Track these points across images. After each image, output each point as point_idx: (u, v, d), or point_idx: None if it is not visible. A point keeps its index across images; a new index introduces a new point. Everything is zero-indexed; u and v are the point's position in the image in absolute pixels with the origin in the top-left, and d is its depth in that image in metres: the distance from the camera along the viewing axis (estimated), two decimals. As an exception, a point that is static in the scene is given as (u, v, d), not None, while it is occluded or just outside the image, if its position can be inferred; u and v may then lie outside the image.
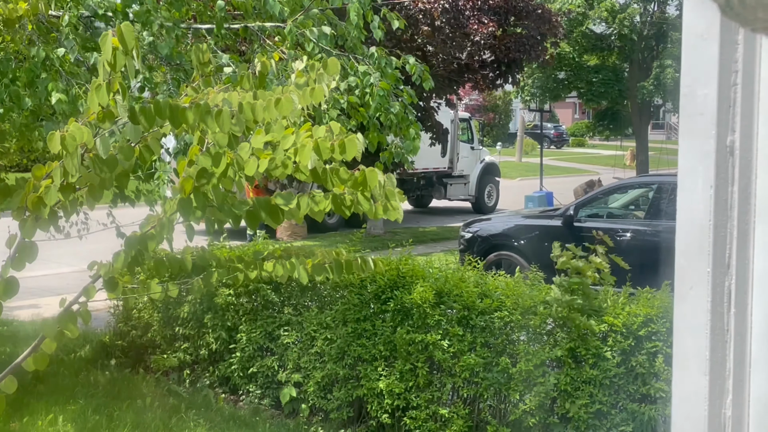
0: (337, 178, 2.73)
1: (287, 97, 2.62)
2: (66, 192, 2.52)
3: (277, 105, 2.61)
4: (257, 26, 6.12)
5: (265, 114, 2.61)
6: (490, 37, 16.98)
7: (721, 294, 1.49)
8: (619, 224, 10.98)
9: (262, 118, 2.64)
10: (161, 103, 2.55)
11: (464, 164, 23.60)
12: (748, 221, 1.48)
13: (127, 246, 2.79)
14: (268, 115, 2.61)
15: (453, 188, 23.43)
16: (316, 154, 2.59)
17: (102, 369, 7.47)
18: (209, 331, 7.07)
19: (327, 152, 2.59)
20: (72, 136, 2.42)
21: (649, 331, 5.22)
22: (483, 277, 6.21)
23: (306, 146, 2.59)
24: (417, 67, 6.36)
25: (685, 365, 1.57)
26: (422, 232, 18.69)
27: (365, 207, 2.78)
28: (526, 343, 5.63)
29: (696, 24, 1.49)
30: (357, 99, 6.00)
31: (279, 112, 2.62)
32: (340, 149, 2.58)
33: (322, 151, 2.59)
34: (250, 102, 2.62)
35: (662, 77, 25.95)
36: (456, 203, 24.38)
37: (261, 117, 2.62)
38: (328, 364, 6.30)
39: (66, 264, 12.77)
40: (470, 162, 23.83)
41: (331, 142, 2.59)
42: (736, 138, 1.48)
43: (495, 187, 24.47)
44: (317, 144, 2.58)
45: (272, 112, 2.60)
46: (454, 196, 23.59)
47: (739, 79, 1.49)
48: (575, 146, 59.65)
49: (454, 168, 23.30)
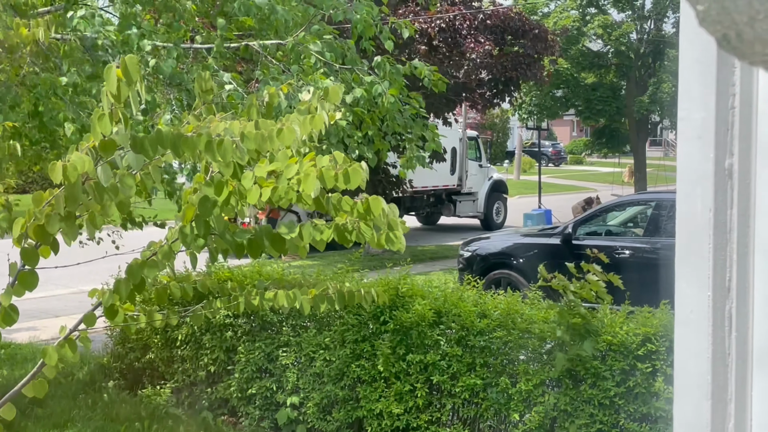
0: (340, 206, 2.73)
1: (289, 128, 2.62)
2: (69, 220, 2.51)
3: (279, 135, 2.61)
4: (259, 44, 6.14)
5: (268, 144, 2.61)
6: (486, 56, 17.06)
7: (721, 318, 1.48)
8: (617, 242, 10.97)
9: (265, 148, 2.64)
10: (164, 132, 2.55)
11: (473, 182, 24.05)
12: (748, 244, 1.47)
13: (128, 274, 2.78)
14: (270, 145, 2.61)
15: (462, 205, 23.85)
16: (321, 182, 2.59)
17: (100, 391, 7.42)
18: (207, 353, 7.04)
19: (331, 181, 2.59)
20: (73, 166, 2.42)
21: (648, 350, 5.20)
22: (482, 296, 6.19)
23: (310, 175, 2.59)
24: (426, 70, 6.35)
25: (686, 389, 1.56)
26: (421, 251, 18.66)
27: (368, 236, 2.78)
28: (526, 362, 5.61)
29: (693, 48, 1.49)
30: (363, 111, 6.01)
31: (281, 142, 2.62)
32: (344, 178, 2.58)
33: (327, 180, 2.59)
34: (251, 132, 2.62)
35: (658, 94, 26.04)
36: (465, 220, 24.72)
37: (263, 147, 2.62)
38: (327, 385, 6.27)
39: (64, 285, 12.73)
40: (479, 179, 24.30)
41: (335, 171, 2.59)
42: (734, 161, 1.48)
43: (503, 204, 24.89)
44: (321, 173, 2.58)
45: (274, 143, 2.60)
46: (463, 214, 23.96)
47: (737, 102, 1.49)
48: (573, 164, 59.75)
49: (463, 185, 23.76)
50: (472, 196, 24.01)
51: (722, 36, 0.58)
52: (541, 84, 22.06)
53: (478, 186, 24.16)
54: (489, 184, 24.41)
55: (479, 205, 24.10)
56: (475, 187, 24.10)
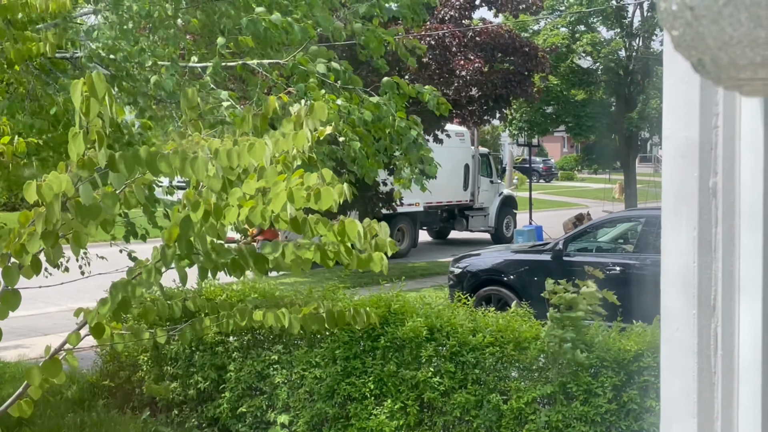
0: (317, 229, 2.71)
1: (260, 143, 2.61)
2: (48, 239, 2.49)
3: (250, 150, 2.59)
4: (256, 63, 6.16)
5: (238, 160, 2.60)
6: (476, 73, 17.14)
7: (707, 336, 1.48)
8: (608, 258, 10.99)
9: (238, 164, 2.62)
10: (140, 150, 2.54)
11: (484, 197, 24.81)
12: (733, 263, 1.48)
13: (113, 292, 2.77)
14: (241, 161, 2.60)
15: (474, 220, 24.59)
16: (290, 202, 2.56)
17: (89, 410, 7.36)
18: (198, 371, 7.01)
19: (301, 201, 2.56)
20: (49, 185, 2.40)
21: (641, 365, 5.20)
22: (473, 313, 6.19)
23: (280, 194, 2.56)
24: (429, 94, 6.46)
25: (673, 407, 1.56)
26: (411, 268, 18.65)
27: (345, 258, 2.76)
28: (518, 379, 5.60)
29: (676, 67, 1.51)
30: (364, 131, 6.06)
31: (252, 158, 2.60)
32: (316, 198, 2.55)
33: (296, 200, 2.56)
34: (224, 148, 2.60)
35: (647, 110, 26.18)
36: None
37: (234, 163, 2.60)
38: (317, 403, 6.24)
39: (53, 303, 12.65)
40: (490, 195, 25.05)
41: (307, 192, 2.56)
42: (718, 180, 1.49)
43: (513, 219, 25.66)
44: (291, 192, 2.56)
45: (244, 158, 2.58)
46: (475, 228, 24.67)
47: (720, 122, 1.50)
48: (564, 180, 59.89)
49: (476, 201, 24.52)
50: (484, 211, 24.79)
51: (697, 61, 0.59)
52: (531, 101, 22.18)
53: (489, 201, 24.93)
54: (499, 200, 25.21)
55: (490, 219, 24.86)
56: (487, 202, 24.86)
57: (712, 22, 0.62)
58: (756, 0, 0.62)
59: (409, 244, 21.94)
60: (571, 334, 5.40)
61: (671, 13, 0.67)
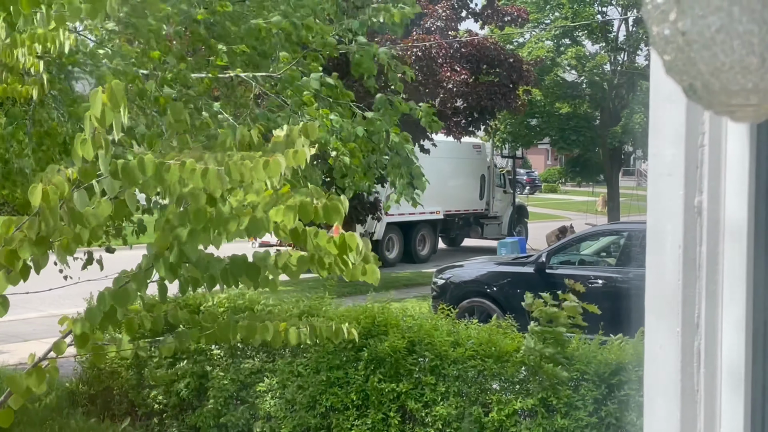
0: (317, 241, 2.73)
1: (275, 160, 2.62)
2: (40, 246, 2.48)
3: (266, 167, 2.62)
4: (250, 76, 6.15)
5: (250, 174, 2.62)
6: (462, 85, 17.20)
7: (690, 354, 1.49)
8: (590, 271, 11.03)
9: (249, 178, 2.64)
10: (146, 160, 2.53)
11: (498, 206, 25.87)
12: (717, 281, 1.49)
13: (99, 302, 2.74)
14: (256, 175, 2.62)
15: (488, 228, 25.68)
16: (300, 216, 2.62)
17: (68, 417, 7.29)
18: (179, 378, 6.96)
19: (309, 215, 2.62)
20: (54, 189, 2.40)
21: (621, 379, 5.22)
22: (455, 325, 6.19)
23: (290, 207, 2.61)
24: (421, 112, 6.53)
25: (656, 423, 1.57)
26: (395, 278, 18.63)
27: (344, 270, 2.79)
28: (499, 392, 5.60)
29: (663, 86, 1.52)
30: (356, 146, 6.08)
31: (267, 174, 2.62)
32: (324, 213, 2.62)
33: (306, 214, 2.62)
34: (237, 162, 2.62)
35: (630, 124, 26.37)
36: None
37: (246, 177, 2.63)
38: (299, 413, 6.21)
39: (34, 309, 12.56)
40: (503, 204, 26.12)
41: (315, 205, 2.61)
42: (703, 198, 1.50)
43: (524, 228, 26.81)
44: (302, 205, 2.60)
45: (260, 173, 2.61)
46: (489, 236, 25.61)
47: (706, 140, 1.51)
48: (548, 192, 60.14)
49: (490, 210, 25.62)
50: (497, 220, 25.83)
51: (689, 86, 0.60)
52: (515, 113, 22.29)
53: (502, 210, 25.98)
54: (512, 209, 26.27)
55: (503, 228, 25.83)
56: (500, 211, 25.90)
57: (705, 48, 0.63)
58: (748, 28, 0.63)
59: (430, 250, 22.78)
60: (550, 349, 5.40)
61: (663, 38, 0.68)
